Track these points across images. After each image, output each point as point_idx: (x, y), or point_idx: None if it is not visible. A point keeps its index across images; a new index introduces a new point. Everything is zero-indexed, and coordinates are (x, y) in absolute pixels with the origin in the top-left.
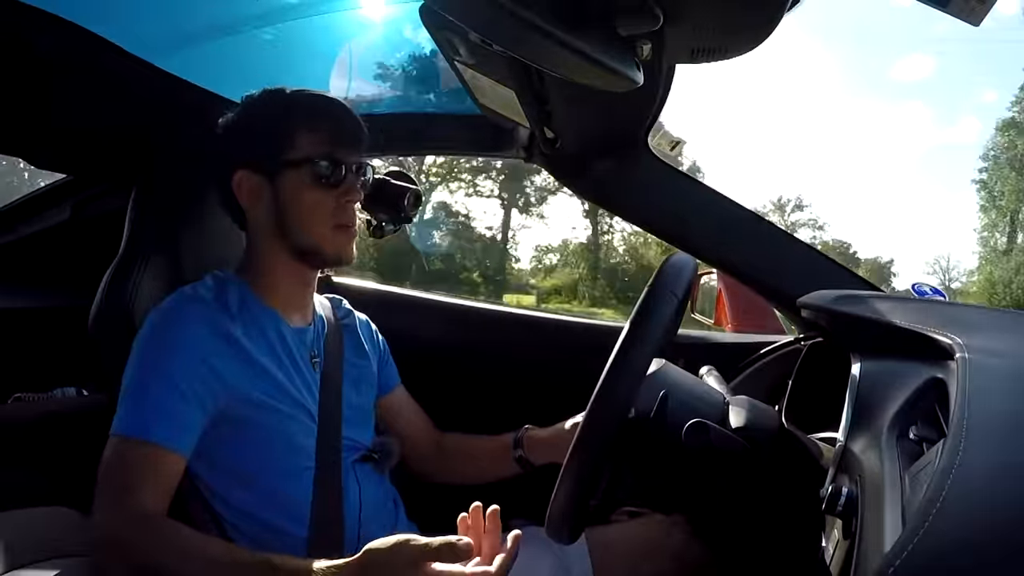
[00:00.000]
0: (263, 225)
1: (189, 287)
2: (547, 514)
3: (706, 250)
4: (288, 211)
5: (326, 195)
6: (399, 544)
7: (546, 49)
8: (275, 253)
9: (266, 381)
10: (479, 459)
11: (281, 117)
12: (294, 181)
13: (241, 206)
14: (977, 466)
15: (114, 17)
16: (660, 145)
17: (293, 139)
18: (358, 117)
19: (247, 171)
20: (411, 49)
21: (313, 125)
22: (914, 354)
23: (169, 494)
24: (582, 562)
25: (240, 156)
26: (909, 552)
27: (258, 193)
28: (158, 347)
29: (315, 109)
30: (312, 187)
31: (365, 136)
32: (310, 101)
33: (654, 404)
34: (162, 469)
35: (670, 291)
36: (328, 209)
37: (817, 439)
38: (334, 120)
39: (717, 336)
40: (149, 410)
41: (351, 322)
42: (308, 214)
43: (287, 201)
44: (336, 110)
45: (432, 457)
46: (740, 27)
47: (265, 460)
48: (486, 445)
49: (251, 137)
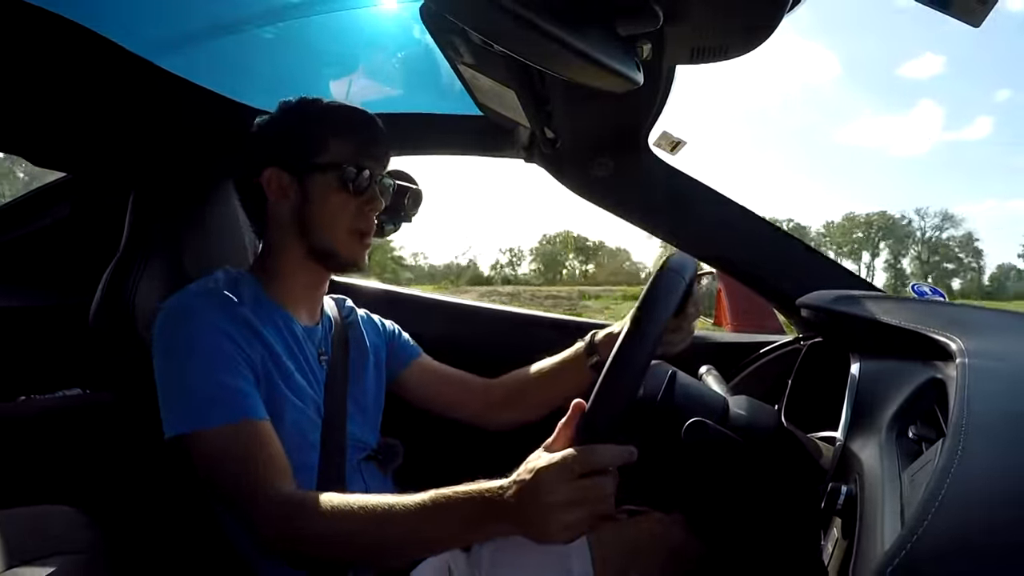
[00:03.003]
0: (285, 222)
1: (196, 283)
2: None
3: (706, 250)
4: (312, 211)
5: (349, 200)
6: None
7: (546, 49)
8: (292, 251)
9: (281, 368)
10: (547, 384)
11: (316, 122)
12: (322, 183)
13: (264, 203)
14: (976, 466)
15: (114, 17)
16: (660, 145)
17: (326, 144)
18: (386, 134)
19: (277, 168)
20: (411, 49)
21: (345, 134)
22: (913, 354)
23: (285, 458)
24: (583, 560)
25: (272, 155)
26: (908, 551)
27: (286, 190)
28: (183, 338)
29: (350, 120)
30: (338, 191)
31: (390, 152)
32: (346, 112)
33: (661, 388)
34: (265, 440)
35: (670, 291)
36: (349, 214)
37: (816, 438)
38: (365, 132)
39: (717, 336)
40: (213, 394)
41: (354, 319)
42: (330, 216)
43: (312, 201)
44: (369, 123)
45: (487, 412)
46: (740, 27)
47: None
48: (551, 368)
49: (285, 138)
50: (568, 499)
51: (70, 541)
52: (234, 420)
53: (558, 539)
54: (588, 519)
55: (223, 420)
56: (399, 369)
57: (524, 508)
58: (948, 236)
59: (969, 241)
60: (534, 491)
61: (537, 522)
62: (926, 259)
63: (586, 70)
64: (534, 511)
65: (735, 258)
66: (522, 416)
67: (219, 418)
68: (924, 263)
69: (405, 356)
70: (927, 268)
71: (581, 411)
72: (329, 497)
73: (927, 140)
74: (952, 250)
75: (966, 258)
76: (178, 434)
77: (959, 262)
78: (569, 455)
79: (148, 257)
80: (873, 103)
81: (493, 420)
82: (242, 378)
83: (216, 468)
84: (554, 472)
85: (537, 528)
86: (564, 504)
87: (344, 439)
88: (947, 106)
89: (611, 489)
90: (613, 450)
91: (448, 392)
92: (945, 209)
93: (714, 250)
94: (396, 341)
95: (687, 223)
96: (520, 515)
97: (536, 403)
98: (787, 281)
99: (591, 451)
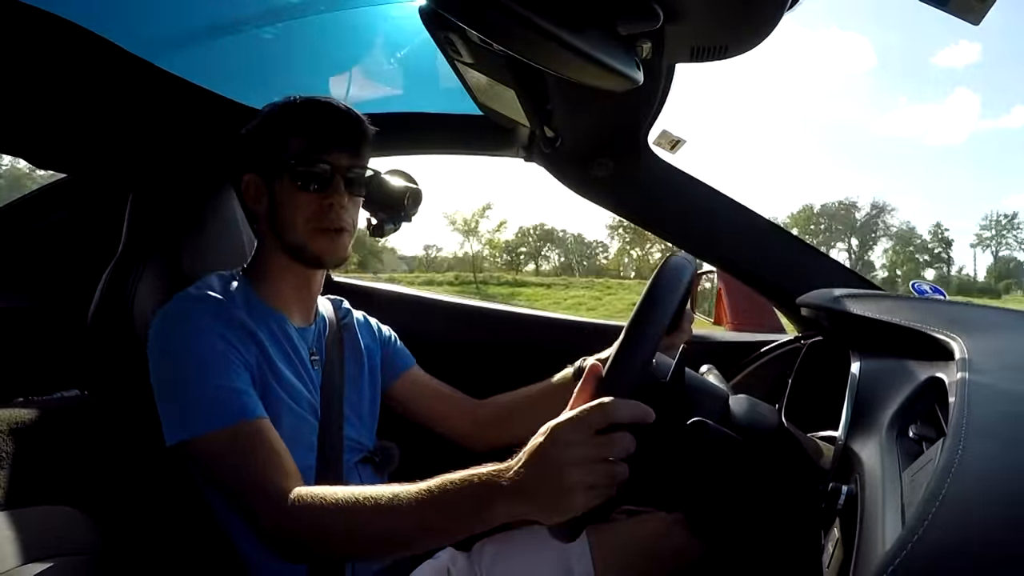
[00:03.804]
0: (264, 225)
1: (190, 287)
2: None
3: (706, 249)
4: (280, 212)
5: (309, 197)
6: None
7: (546, 49)
8: (274, 252)
9: (275, 370)
10: (536, 407)
11: (277, 122)
12: (284, 183)
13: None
14: (976, 465)
15: (114, 17)
16: (660, 144)
17: (286, 143)
18: (359, 120)
19: (253, 174)
20: (411, 49)
21: (302, 129)
22: (914, 353)
23: (287, 454)
24: (583, 561)
25: (247, 160)
26: (908, 551)
27: (259, 194)
28: (177, 343)
29: (307, 114)
30: (297, 189)
31: (363, 139)
32: (306, 107)
33: (670, 369)
34: (263, 438)
35: (670, 291)
36: (310, 211)
37: (817, 438)
38: (324, 124)
39: (717, 335)
40: (209, 398)
41: (350, 321)
42: (292, 215)
43: (278, 202)
44: (328, 114)
45: (474, 431)
46: (740, 26)
47: None
48: (540, 391)
49: (256, 142)
50: (585, 456)
51: (71, 542)
52: (231, 422)
53: (574, 505)
54: (606, 480)
55: (220, 424)
56: (390, 379)
57: (538, 473)
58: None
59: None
60: (548, 451)
61: (552, 487)
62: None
63: (586, 69)
64: (549, 473)
65: (735, 257)
66: (509, 439)
67: (216, 422)
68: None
69: (398, 366)
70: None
71: (597, 373)
72: (332, 490)
73: (964, 128)
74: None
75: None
76: (178, 441)
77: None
78: (585, 409)
79: (147, 258)
80: (909, 92)
81: (480, 440)
82: (238, 378)
83: (216, 471)
84: (569, 427)
85: (552, 495)
86: (581, 461)
87: (341, 441)
88: (984, 94)
89: (631, 447)
90: (631, 404)
91: (437, 407)
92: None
93: (714, 249)
94: (391, 348)
95: (687, 222)
96: (533, 484)
97: (524, 426)
98: (787, 280)
99: (608, 404)
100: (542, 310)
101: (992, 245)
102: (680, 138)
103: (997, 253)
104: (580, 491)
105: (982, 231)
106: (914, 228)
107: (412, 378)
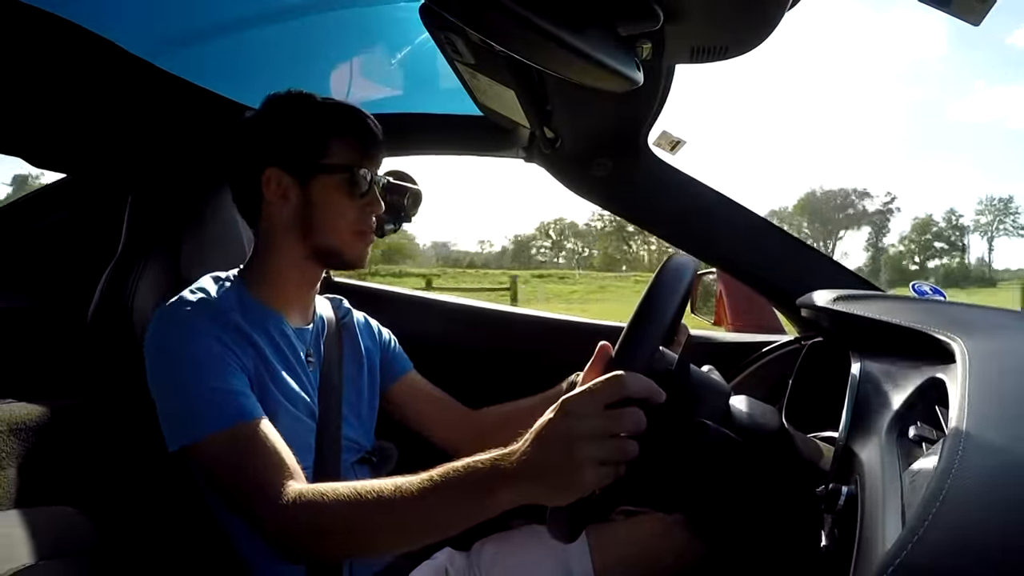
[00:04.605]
0: (285, 223)
1: (185, 291)
2: (548, 513)
3: (706, 250)
4: (315, 213)
5: (352, 202)
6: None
7: (546, 49)
8: (290, 250)
9: (272, 371)
10: (530, 420)
11: (316, 122)
12: (326, 185)
13: (260, 202)
14: (976, 466)
15: (113, 17)
16: (660, 145)
17: (328, 145)
18: (378, 127)
19: (278, 169)
20: (411, 49)
21: (346, 134)
22: (914, 354)
23: (286, 452)
24: (583, 561)
25: (271, 154)
26: (908, 552)
27: (286, 192)
28: (172, 348)
29: (350, 120)
30: (341, 193)
31: (383, 146)
32: (345, 111)
33: (675, 360)
34: (261, 439)
35: (678, 279)
36: (353, 215)
37: (817, 439)
38: (365, 132)
39: (717, 336)
40: (206, 401)
41: (349, 321)
42: (334, 218)
43: (315, 203)
44: (368, 123)
45: (468, 440)
46: (740, 26)
47: None
48: (534, 405)
49: (285, 137)
50: (596, 428)
51: (72, 542)
52: (228, 424)
53: (584, 482)
54: (617, 455)
55: (217, 426)
56: (388, 383)
57: (546, 448)
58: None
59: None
60: (558, 424)
61: (561, 462)
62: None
63: (586, 70)
64: (559, 447)
65: (735, 257)
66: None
67: (213, 424)
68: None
69: (396, 369)
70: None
71: (607, 352)
72: (333, 486)
73: None
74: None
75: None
76: (179, 447)
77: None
78: (597, 382)
79: (147, 259)
80: (987, 75)
81: (474, 450)
82: (234, 380)
83: (217, 474)
84: (580, 399)
85: (560, 471)
86: (592, 435)
87: (339, 441)
88: None
89: (642, 424)
90: (643, 379)
91: (431, 413)
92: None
93: (714, 250)
94: (390, 352)
95: (687, 222)
96: (540, 461)
97: (516, 438)
98: (787, 280)
99: (621, 376)
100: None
101: (990, 231)
102: (680, 139)
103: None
104: (590, 467)
105: (978, 216)
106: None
107: (409, 382)
